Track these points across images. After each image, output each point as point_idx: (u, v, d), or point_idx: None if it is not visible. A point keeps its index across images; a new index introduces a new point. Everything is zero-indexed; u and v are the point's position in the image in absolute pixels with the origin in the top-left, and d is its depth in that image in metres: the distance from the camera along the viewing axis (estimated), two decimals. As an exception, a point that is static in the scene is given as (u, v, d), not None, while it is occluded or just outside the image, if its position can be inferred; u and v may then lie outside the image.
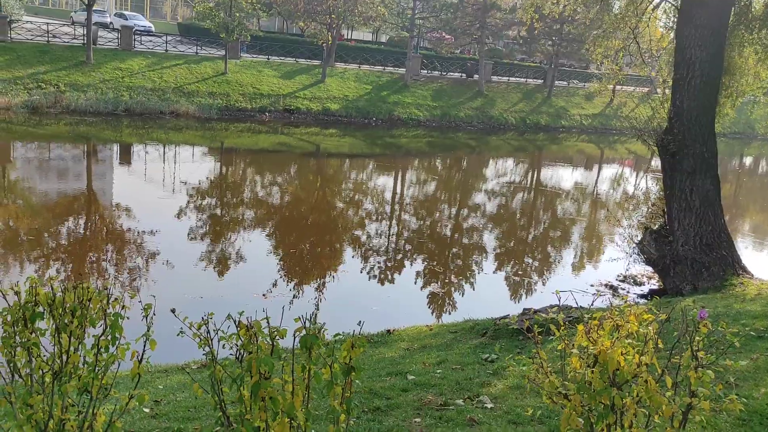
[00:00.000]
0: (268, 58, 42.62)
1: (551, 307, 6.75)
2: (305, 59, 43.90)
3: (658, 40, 19.80)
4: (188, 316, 3.30)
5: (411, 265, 15.91)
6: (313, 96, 39.27)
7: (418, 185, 27.39)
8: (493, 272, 15.98)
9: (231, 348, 3.26)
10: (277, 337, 3.26)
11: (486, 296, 14.15)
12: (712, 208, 12.73)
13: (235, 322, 3.26)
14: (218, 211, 19.34)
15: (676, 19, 13.30)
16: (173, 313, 3.31)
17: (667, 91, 14.21)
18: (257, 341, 3.19)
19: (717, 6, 12.35)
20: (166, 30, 48.66)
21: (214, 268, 14.14)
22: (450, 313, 12.78)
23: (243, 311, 3.29)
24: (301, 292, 13.04)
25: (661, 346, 3.04)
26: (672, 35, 13.84)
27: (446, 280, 14.84)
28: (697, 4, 12.29)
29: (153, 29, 46.15)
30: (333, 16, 39.85)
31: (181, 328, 3.26)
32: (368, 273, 14.87)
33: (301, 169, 27.89)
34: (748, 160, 46.86)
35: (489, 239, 19.20)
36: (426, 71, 48.33)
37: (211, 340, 3.27)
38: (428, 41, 56.50)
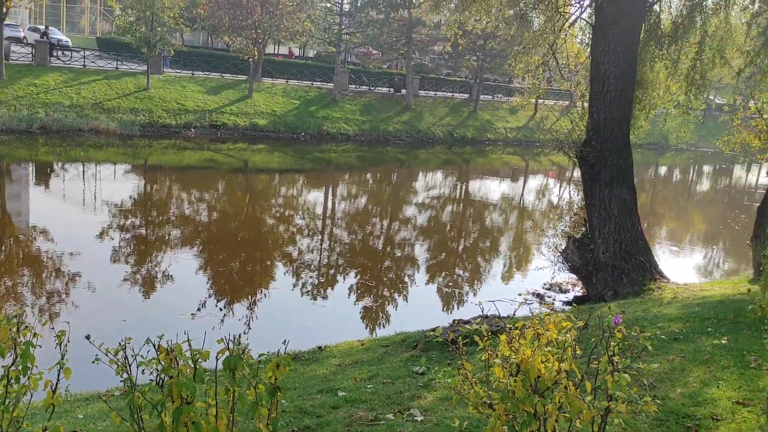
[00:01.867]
0: (193, 74, 41.83)
1: (478, 318, 6.86)
2: (231, 74, 43.33)
3: (575, 55, 20.60)
4: (110, 340, 3.18)
5: (343, 279, 15.86)
6: (240, 111, 38.77)
7: (349, 199, 27.41)
8: (425, 284, 16.12)
9: (152, 373, 3.16)
10: (200, 360, 3.18)
11: (418, 308, 14.25)
12: (630, 216, 13.29)
13: (154, 346, 3.16)
14: (143, 231, 18.74)
15: (591, 36, 13.87)
16: (88, 339, 3.18)
17: (585, 104, 14.77)
18: (178, 365, 3.10)
19: (628, 23, 12.96)
20: (84, 45, 47.00)
21: (139, 289, 13.66)
22: (383, 327, 12.80)
23: (163, 335, 3.19)
24: (231, 311, 12.77)
25: (579, 352, 3.14)
26: (588, 51, 14.40)
27: (379, 294, 14.87)
28: (610, 22, 12.87)
29: (70, 44, 44.50)
30: (259, 31, 39.56)
31: (97, 355, 3.13)
32: (300, 289, 14.73)
33: (230, 186, 27.43)
34: (662, 170, 49.26)
35: (420, 252, 19.38)
36: (354, 86, 48.60)
37: (129, 365, 3.16)
38: (356, 56, 56.90)
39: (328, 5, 46.81)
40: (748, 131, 14.31)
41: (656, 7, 14.87)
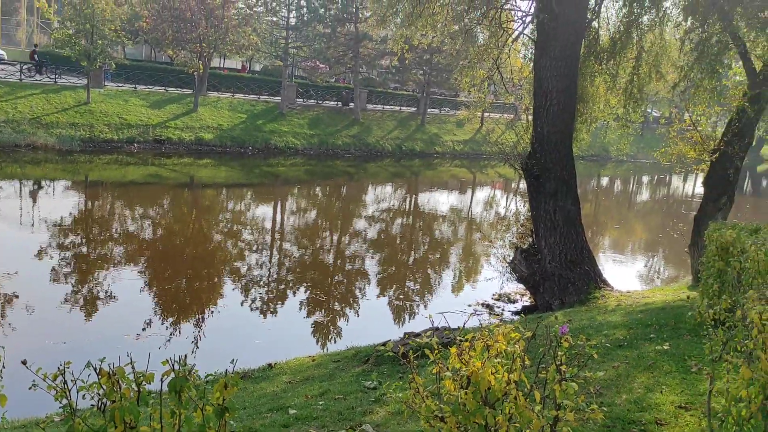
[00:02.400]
0: (136, 87, 40.93)
1: (428, 330, 6.89)
2: (176, 88, 42.60)
3: (519, 70, 21.06)
4: (50, 364, 3.04)
5: (294, 295, 15.70)
6: (185, 126, 38.13)
7: (298, 214, 27.21)
8: (377, 297, 16.10)
9: (93, 398, 3.03)
10: (144, 383, 3.07)
11: (370, 322, 14.21)
12: (574, 226, 13.61)
13: (95, 369, 3.04)
14: (84, 249, 18.15)
15: (534, 51, 14.21)
16: (24, 364, 3.03)
17: (529, 118, 15.07)
18: (121, 389, 2.99)
19: (569, 39, 13.34)
20: (20, 58, 45.45)
21: (81, 310, 13.20)
22: (334, 342, 12.70)
23: (104, 357, 3.08)
24: (177, 330, 12.46)
25: (528, 362, 3.17)
26: (531, 66, 14.75)
27: (330, 309, 14.77)
28: (551, 38, 13.22)
29: (5, 57, 43.00)
30: (204, 44, 39.06)
31: (34, 380, 2.99)
32: (250, 306, 14.50)
33: (175, 201, 26.87)
34: (604, 181, 50.71)
35: (371, 265, 19.37)
36: (302, 100, 48.48)
37: (69, 391, 3.02)
38: (303, 70, 56.79)
39: (274, 19, 46.63)
40: (683, 143, 14.83)
41: (595, 24, 15.35)
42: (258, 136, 40.43)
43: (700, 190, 14.51)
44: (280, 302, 15.13)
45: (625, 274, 19.78)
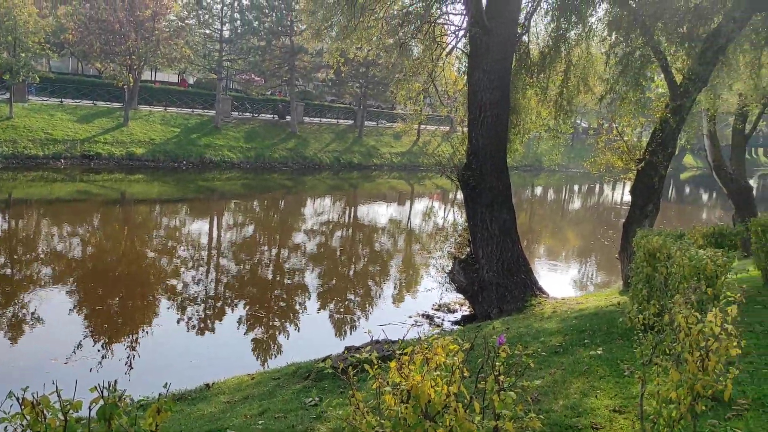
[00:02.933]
0: (62, 101, 39.51)
1: (368, 344, 6.85)
2: (105, 102, 41.36)
3: (453, 82, 21.42)
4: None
5: (232, 311, 15.38)
6: (116, 140, 37.01)
7: (235, 228, 26.75)
8: (317, 312, 15.96)
9: (16, 430, 2.87)
10: (71, 411, 2.93)
11: (310, 337, 14.06)
12: (510, 236, 13.88)
13: (18, 399, 2.88)
14: (8, 271, 17.28)
15: (467, 65, 14.49)
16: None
17: (465, 129, 15.32)
18: (45, 419, 2.84)
19: (500, 53, 13.66)
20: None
21: (5, 335, 12.54)
22: (274, 358, 12.50)
23: (28, 387, 2.92)
24: (110, 352, 11.99)
25: (467, 374, 3.19)
26: (465, 79, 15.03)
27: (269, 325, 14.54)
28: (483, 51, 13.50)
29: None
30: (133, 57, 38.07)
31: (-53, 416, 2.80)
32: (186, 324, 14.11)
33: (106, 218, 25.97)
34: (538, 190, 52.05)
35: (311, 279, 19.20)
36: (237, 113, 47.87)
37: (-12, 424, 2.85)
38: (238, 83, 56.11)
39: (208, 32, 45.90)
40: (611, 153, 15.38)
41: (525, 38, 15.79)
42: (192, 150, 39.64)
43: (628, 197, 15.07)
44: (218, 320, 14.79)
45: (560, 280, 20.30)
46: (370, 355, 3.30)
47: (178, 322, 14.14)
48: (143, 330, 13.54)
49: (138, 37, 37.61)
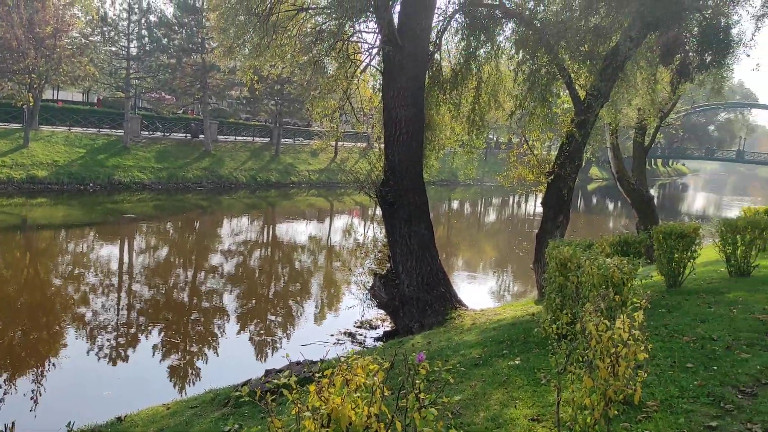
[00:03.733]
0: (-46, 122, 37.10)
1: (287, 371, 6.73)
2: (2, 123, 39.06)
3: (369, 99, 21.56)
4: None
5: (146, 338, 14.76)
6: (15, 163, 34.99)
7: (148, 252, 25.77)
8: (237, 334, 15.56)
9: None
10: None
11: (230, 361, 13.68)
12: (429, 250, 14.05)
13: None
14: None
15: (382, 82, 14.63)
16: None
17: (381, 146, 15.43)
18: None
19: (413, 70, 13.89)
20: None
21: None
22: (193, 385, 12.09)
23: None
24: (12, 388, 11.23)
25: (387, 393, 3.16)
26: (380, 96, 15.17)
27: (186, 350, 14.04)
28: (397, 69, 13.69)
29: None
30: (33, 75, 36.22)
31: None
32: (97, 354, 13.43)
33: (5, 245, 24.42)
34: (454, 204, 53.12)
35: (230, 300, 18.72)
36: (147, 132, 46.39)
37: None
38: (147, 102, 54.42)
39: (114, 49, 44.28)
40: (523, 166, 15.91)
41: (437, 56, 16.12)
42: (100, 172, 38.04)
43: (540, 209, 15.61)
44: (131, 348, 14.15)
45: (479, 292, 20.72)
46: (288, 379, 3.22)
47: (87, 352, 13.44)
48: (50, 362, 12.78)
49: (38, 54, 35.80)
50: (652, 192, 29.59)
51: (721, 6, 12.89)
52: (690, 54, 13.39)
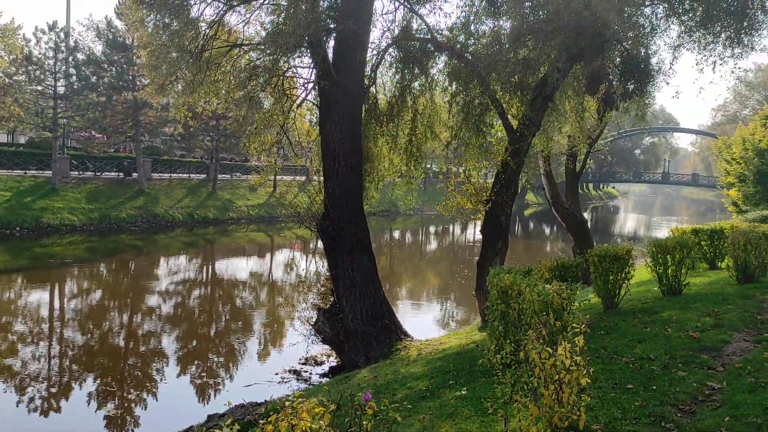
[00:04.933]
0: None
1: (231, 410, 6.53)
2: None
3: (306, 133, 21.57)
4: None
5: (80, 387, 14.08)
6: (-66, 208, 33.24)
7: (80, 296, 24.72)
8: (177, 377, 15.05)
9: None
10: None
11: (171, 407, 13.20)
12: (372, 282, 14.03)
13: None
14: None
15: (319, 116, 14.68)
16: None
17: (321, 179, 15.42)
18: None
19: (350, 104, 14.01)
20: None
21: None
22: (131, 435, 11.57)
23: None
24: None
25: (335, 436, 3.09)
26: (318, 129, 15.20)
27: (124, 397, 13.46)
28: (333, 103, 13.77)
29: None
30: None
31: None
32: (27, 407, 12.74)
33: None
34: (396, 234, 53.35)
35: (169, 343, 18.12)
36: (77, 172, 44.91)
37: None
38: (77, 141, 52.79)
39: (40, 88, 42.88)
40: (461, 195, 16.18)
41: (373, 89, 16.33)
42: (27, 215, 36.50)
43: (479, 236, 15.85)
44: (63, 398, 13.47)
45: (424, 321, 20.74)
46: (231, 428, 3.11)
47: (17, 404, 12.75)
48: (-26, 421, 12.01)
49: (-43, 95, 34.39)
50: (586, 215, 30.52)
51: (640, 37, 13.58)
52: (614, 83, 13.99)
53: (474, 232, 48.75)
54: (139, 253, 35.19)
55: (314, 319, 15.47)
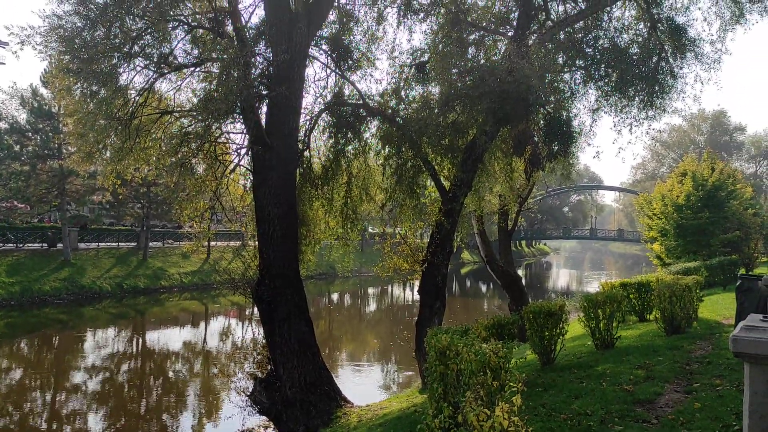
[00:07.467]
0: None
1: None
2: None
3: (240, 198, 21.37)
4: None
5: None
6: None
7: (-3, 377, 23.16)
8: (102, 461, 14.13)
9: None
10: None
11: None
12: (310, 348, 13.73)
13: None
14: None
15: (252, 181, 14.59)
16: None
17: (256, 244, 15.21)
18: None
19: (283, 168, 14.01)
20: None
21: None
22: None
23: None
24: None
25: None
26: (252, 194, 15.08)
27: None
28: (267, 168, 13.74)
29: None
30: None
31: None
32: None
33: None
34: (334, 297, 52.83)
35: (95, 422, 17.09)
36: (-2, 244, 42.87)
37: None
38: (-2, 211, 50.54)
39: (-46, 158, 41.19)
40: (397, 256, 16.25)
41: (307, 153, 16.43)
42: (-59, 291, 34.36)
43: (417, 296, 15.89)
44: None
45: (364, 385, 20.36)
46: None
47: None
48: None
49: None
50: (520, 272, 31.11)
51: (561, 101, 14.29)
52: (539, 144, 14.60)
53: (413, 292, 48.81)
54: (63, 327, 33.45)
55: (250, 390, 14.94)
